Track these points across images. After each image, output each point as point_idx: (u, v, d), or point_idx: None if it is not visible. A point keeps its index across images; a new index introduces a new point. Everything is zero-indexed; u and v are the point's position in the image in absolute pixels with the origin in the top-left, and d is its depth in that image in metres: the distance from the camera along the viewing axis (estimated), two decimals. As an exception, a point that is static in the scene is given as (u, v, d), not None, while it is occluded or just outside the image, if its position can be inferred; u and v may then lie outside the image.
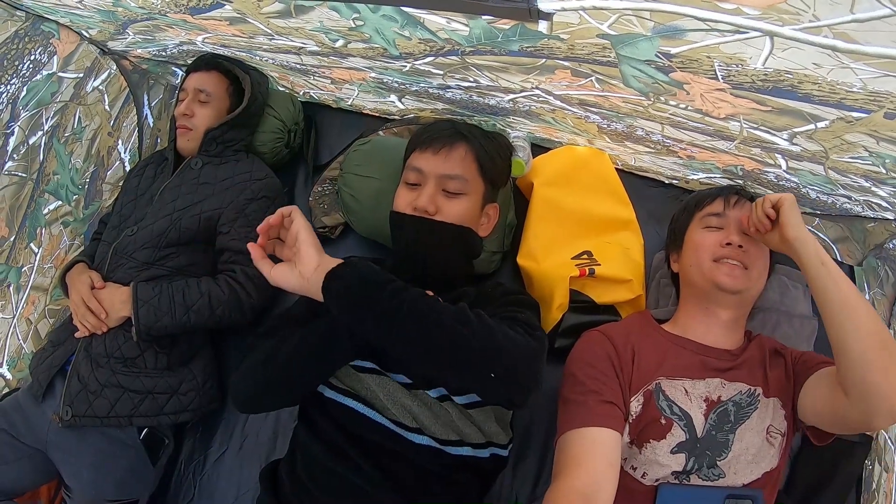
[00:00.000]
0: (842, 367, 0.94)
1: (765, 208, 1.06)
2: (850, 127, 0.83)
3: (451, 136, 1.18)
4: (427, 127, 1.24)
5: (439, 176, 1.15)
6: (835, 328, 0.94)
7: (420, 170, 1.16)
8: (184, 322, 1.35)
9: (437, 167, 1.15)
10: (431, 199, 1.14)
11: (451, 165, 1.16)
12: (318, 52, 1.19)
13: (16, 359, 1.47)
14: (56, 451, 1.33)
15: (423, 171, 1.16)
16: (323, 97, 1.67)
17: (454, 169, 1.15)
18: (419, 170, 1.16)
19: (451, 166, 1.15)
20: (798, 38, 0.64)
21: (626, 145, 1.32)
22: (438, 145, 1.16)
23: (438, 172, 1.15)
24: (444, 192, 1.16)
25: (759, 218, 1.07)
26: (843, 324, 0.93)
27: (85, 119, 1.49)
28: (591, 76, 0.95)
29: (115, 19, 1.27)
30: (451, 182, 1.15)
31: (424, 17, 0.87)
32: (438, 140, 1.17)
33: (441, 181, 1.15)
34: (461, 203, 1.16)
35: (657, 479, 1.05)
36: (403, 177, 1.21)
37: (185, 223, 1.41)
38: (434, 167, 1.15)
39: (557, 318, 1.32)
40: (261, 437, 1.50)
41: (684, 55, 0.77)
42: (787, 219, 1.03)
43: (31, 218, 1.43)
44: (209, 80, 1.52)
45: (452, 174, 1.15)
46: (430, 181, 1.15)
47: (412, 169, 1.18)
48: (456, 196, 1.16)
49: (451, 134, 1.18)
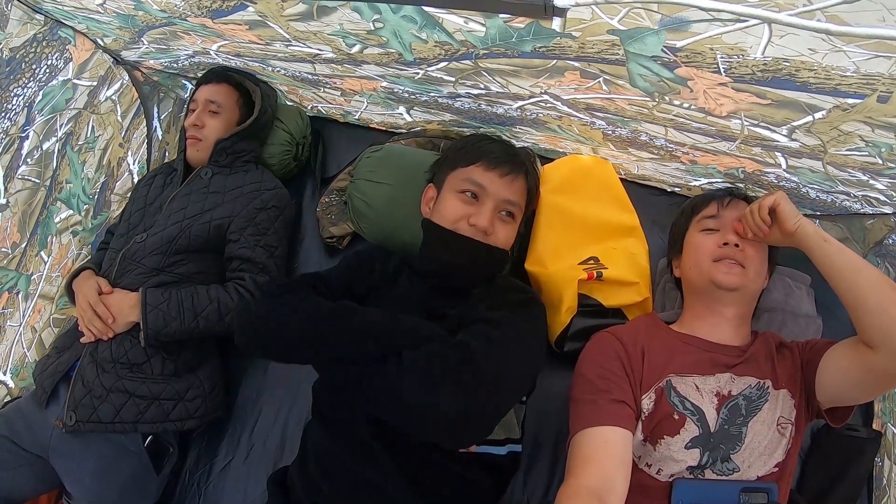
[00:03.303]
0: (863, 323, 0.99)
1: (761, 215, 1.11)
2: (845, 115, 0.87)
3: (519, 166, 1.21)
4: (486, 142, 1.25)
5: (501, 199, 1.18)
6: (850, 290, 1.01)
7: (483, 187, 1.17)
8: (192, 328, 1.35)
9: (501, 191, 1.18)
10: (492, 220, 1.16)
11: (513, 192, 1.19)
12: (332, 59, 1.23)
13: (19, 367, 1.46)
14: (58, 457, 1.31)
15: (487, 189, 1.17)
16: (331, 111, 1.71)
17: (514, 196, 1.19)
18: (482, 186, 1.17)
19: (513, 193, 1.19)
20: (793, 24, 0.68)
21: (629, 152, 1.36)
22: (506, 170, 1.19)
23: (501, 196, 1.18)
24: (499, 216, 1.19)
25: (758, 224, 1.12)
26: (858, 282, 1.00)
27: (98, 128, 1.52)
28: (599, 77, 1.00)
29: (134, 25, 1.30)
30: (509, 207, 1.19)
31: (443, 18, 0.91)
32: (506, 165, 1.19)
33: (501, 205, 1.18)
34: (512, 229, 1.21)
35: (672, 474, 1.06)
36: (454, 185, 1.20)
37: (194, 231, 1.42)
38: (498, 190, 1.17)
39: (566, 322, 1.34)
40: (268, 446, 1.48)
41: (689, 48, 0.81)
42: (785, 215, 1.08)
43: (43, 226, 1.44)
44: (220, 92, 1.56)
45: (512, 201, 1.19)
46: (490, 202, 1.17)
47: (472, 183, 1.18)
48: (509, 221, 1.20)
49: (518, 163, 1.22)
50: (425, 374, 0.93)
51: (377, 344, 0.99)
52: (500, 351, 0.98)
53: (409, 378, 0.93)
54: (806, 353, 1.14)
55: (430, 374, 0.93)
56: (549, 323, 1.33)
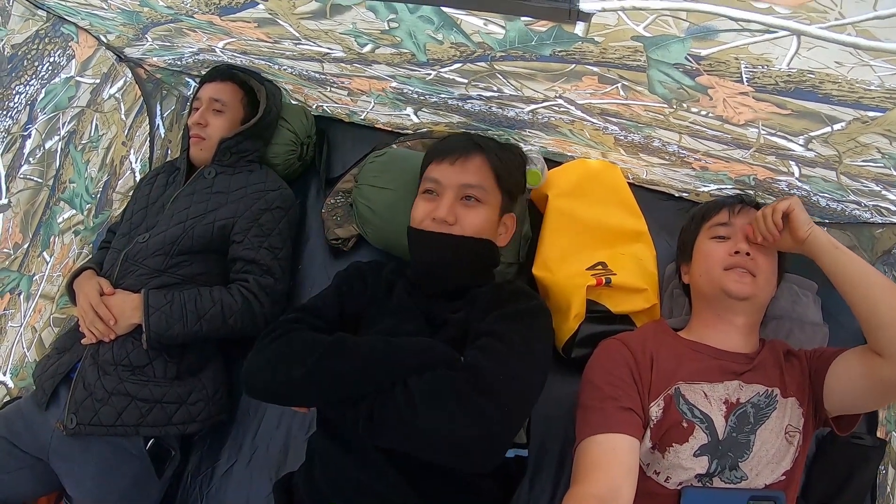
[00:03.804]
0: (874, 332, 0.99)
1: (774, 219, 1.11)
2: (865, 128, 0.87)
3: (467, 147, 1.20)
4: (443, 140, 1.27)
5: (456, 186, 1.17)
6: (861, 299, 1.01)
7: (437, 180, 1.18)
8: (195, 331, 1.33)
9: (453, 177, 1.17)
10: (450, 209, 1.15)
11: (468, 175, 1.17)
12: (342, 58, 1.21)
13: (19, 367, 1.43)
14: (59, 460, 1.29)
15: (441, 181, 1.18)
16: (336, 111, 1.69)
17: (471, 178, 1.17)
18: (436, 181, 1.18)
19: (467, 176, 1.17)
20: (823, 37, 0.68)
21: (640, 157, 1.36)
22: (455, 156, 1.19)
23: (455, 182, 1.17)
24: (461, 203, 1.17)
25: (769, 228, 1.11)
26: (869, 291, 1.00)
27: (102, 127, 1.50)
28: (617, 83, 0.99)
29: (138, 21, 1.28)
30: (468, 191, 1.17)
31: (462, 19, 0.90)
32: (454, 151, 1.19)
33: (458, 191, 1.17)
34: (479, 213, 1.18)
35: (680, 482, 1.06)
36: (420, 189, 1.23)
37: (198, 231, 1.40)
38: (451, 177, 1.17)
39: (574, 328, 1.33)
40: (271, 450, 1.47)
41: (713, 57, 0.81)
42: (798, 222, 1.09)
43: (46, 226, 1.42)
44: (224, 90, 1.54)
45: (469, 183, 1.17)
46: (448, 191, 1.17)
47: (429, 180, 1.20)
48: (474, 206, 1.17)
49: (466, 145, 1.21)
50: (437, 404, 0.93)
51: (381, 374, 0.98)
52: (510, 370, 0.97)
53: (423, 408, 0.92)
54: (814, 361, 1.14)
55: (442, 403, 0.92)
56: (557, 329, 1.33)
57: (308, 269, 1.62)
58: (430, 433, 0.92)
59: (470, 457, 0.93)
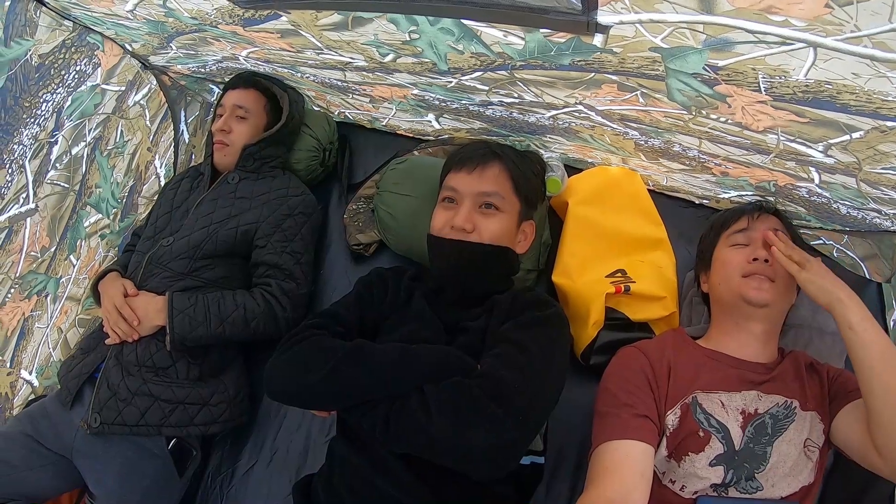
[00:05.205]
0: (872, 427, 0.97)
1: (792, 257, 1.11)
2: (883, 137, 0.86)
3: (485, 155, 1.22)
4: (461, 148, 1.28)
5: (474, 194, 1.18)
6: (864, 389, 0.98)
7: (455, 189, 1.20)
8: (218, 333, 1.35)
9: (471, 185, 1.19)
10: (468, 217, 1.17)
11: (486, 183, 1.19)
12: (364, 67, 1.23)
13: (44, 367, 1.47)
14: (82, 458, 1.32)
15: (459, 190, 1.19)
16: (358, 117, 1.71)
17: (488, 186, 1.19)
18: (454, 189, 1.20)
19: (485, 184, 1.19)
20: (840, 49, 0.68)
21: (660, 163, 1.36)
22: (472, 164, 1.20)
23: (473, 191, 1.18)
24: (479, 211, 1.18)
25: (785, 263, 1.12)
26: (872, 387, 0.97)
27: (127, 133, 1.53)
28: (636, 90, 0.99)
29: (163, 31, 1.31)
30: (486, 199, 1.18)
31: (482, 31, 0.91)
32: (472, 160, 1.21)
33: (476, 199, 1.18)
34: (497, 220, 1.19)
35: (696, 491, 1.06)
36: (440, 197, 1.24)
37: (221, 235, 1.43)
38: (469, 186, 1.19)
39: (593, 335, 1.33)
40: (291, 452, 1.48)
41: (731, 67, 0.81)
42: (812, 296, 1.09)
43: (73, 230, 1.45)
44: (247, 97, 1.56)
45: (487, 191, 1.18)
46: (466, 200, 1.18)
47: (448, 189, 1.22)
48: (492, 213, 1.19)
49: (484, 153, 1.22)
50: (452, 411, 0.93)
51: (397, 382, 1.00)
52: (526, 379, 0.97)
53: (438, 415, 0.93)
54: (834, 385, 1.13)
55: (459, 411, 0.93)
56: (576, 336, 1.34)
57: (329, 274, 1.64)
58: (444, 440, 0.92)
59: (484, 464, 0.93)
